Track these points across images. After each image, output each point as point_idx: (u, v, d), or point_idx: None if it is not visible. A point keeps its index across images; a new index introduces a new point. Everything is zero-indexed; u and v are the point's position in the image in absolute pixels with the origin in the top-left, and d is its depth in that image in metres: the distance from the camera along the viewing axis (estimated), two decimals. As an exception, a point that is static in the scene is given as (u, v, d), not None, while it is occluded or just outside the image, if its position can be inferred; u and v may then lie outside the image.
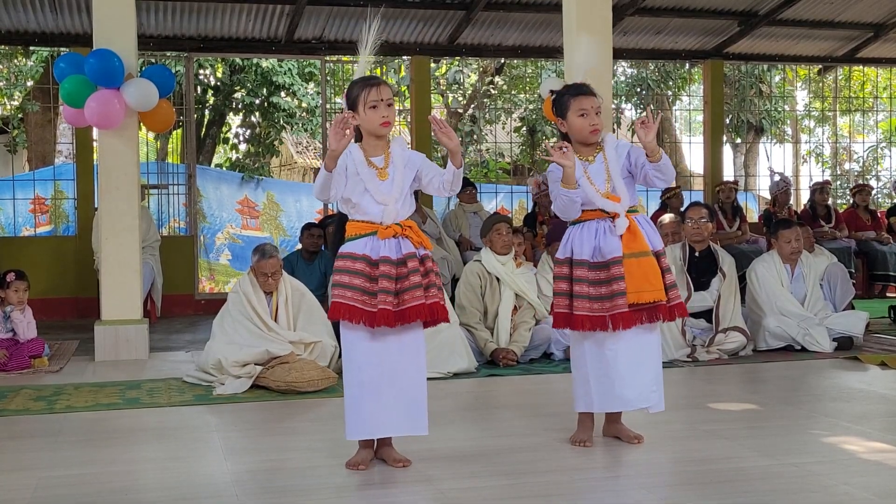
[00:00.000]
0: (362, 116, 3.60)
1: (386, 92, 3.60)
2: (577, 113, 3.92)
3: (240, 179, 14.18)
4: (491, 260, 6.35)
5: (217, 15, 9.64)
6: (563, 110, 3.97)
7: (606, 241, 3.88)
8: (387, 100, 3.59)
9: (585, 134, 3.93)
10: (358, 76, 3.75)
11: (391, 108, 3.61)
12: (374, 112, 3.58)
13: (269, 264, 5.79)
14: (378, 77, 3.67)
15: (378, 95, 3.57)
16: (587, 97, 3.92)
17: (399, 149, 3.69)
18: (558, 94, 4.02)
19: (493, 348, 6.17)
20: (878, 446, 3.92)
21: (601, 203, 3.89)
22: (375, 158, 3.62)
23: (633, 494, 3.37)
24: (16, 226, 11.01)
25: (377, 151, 3.65)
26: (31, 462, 3.92)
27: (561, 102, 3.99)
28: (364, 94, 3.59)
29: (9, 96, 15.55)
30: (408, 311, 3.54)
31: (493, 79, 17.33)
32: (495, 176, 17.57)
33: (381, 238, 3.57)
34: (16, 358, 6.24)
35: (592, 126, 3.90)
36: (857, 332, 6.64)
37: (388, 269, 3.54)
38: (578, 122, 3.92)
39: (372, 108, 3.58)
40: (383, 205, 3.58)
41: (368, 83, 3.60)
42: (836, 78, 15.34)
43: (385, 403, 3.54)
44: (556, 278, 4.03)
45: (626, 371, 3.84)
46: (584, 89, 3.96)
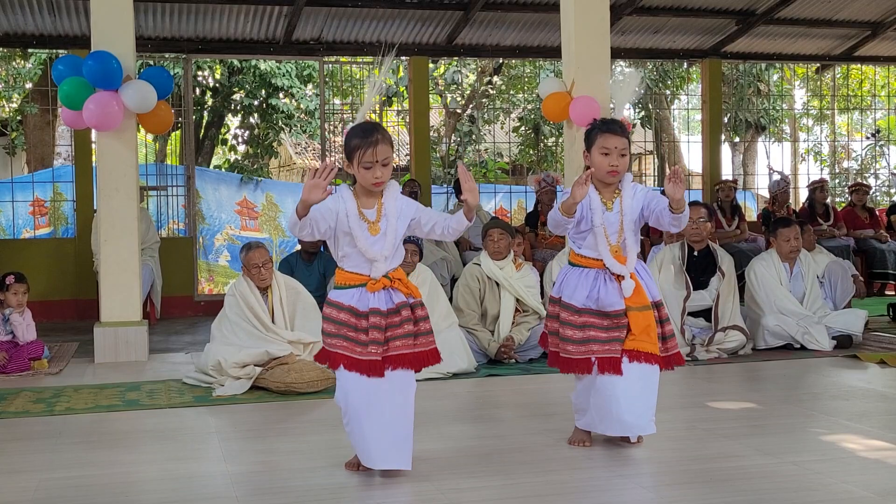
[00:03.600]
0: (355, 170, 3.52)
1: (383, 152, 3.48)
2: (600, 150, 3.89)
3: (239, 181, 14.18)
4: (489, 264, 6.36)
5: (215, 16, 9.64)
6: (590, 144, 3.94)
7: (607, 291, 3.87)
8: (382, 160, 3.48)
9: (603, 173, 3.90)
10: (360, 119, 3.66)
11: (387, 168, 3.51)
12: (368, 172, 3.48)
13: (256, 254, 5.79)
14: (378, 131, 3.50)
15: (373, 157, 3.46)
16: (614, 136, 3.87)
17: (392, 200, 3.59)
18: (590, 127, 3.98)
19: (496, 347, 6.18)
20: (878, 444, 3.93)
21: (609, 263, 3.87)
22: (368, 211, 3.55)
23: (632, 494, 3.38)
24: (15, 228, 11.01)
25: (370, 202, 3.57)
26: (30, 464, 3.92)
27: (590, 135, 3.95)
28: (360, 153, 3.47)
29: (7, 99, 15.55)
30: (397, 358, 3.51)
31: (492, 79, 17.33)
32: (494, 176, 17.58)
33: (370, 291, 3.54)
34: (15, 360, 6.24)
35: (611, 167, 3.87)
36: (856, 330, 6.65)
37: (378, 321, 3.51)
38: (599, 159, 3.89)
39: (366, 169, 3.49)
40: (371, 261, 3.54)
41: (368, 141, 3.47)
42: (834, 76, 15.34)
43: (370, 437, 3.48)
44: (549, 316, 4.05)
45: (624, 397, 3.80)
46: (613, 127, 3.90)
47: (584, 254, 3.94)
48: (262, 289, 5.86)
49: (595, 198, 3.90)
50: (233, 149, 16.67)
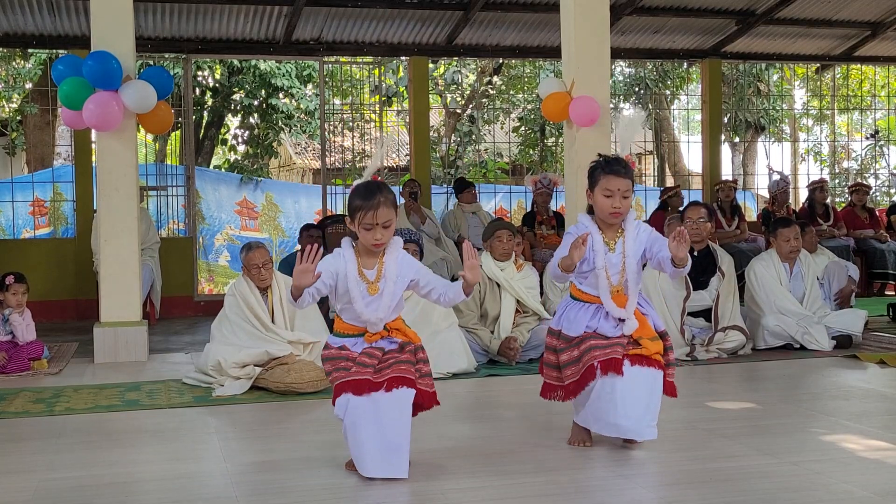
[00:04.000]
0: (356, 230, 3.54)
1: (384, 215, 3.49)
2: (603, 191, 3.85)
3: (238, 181, 14.19)
4: (490, 265, 6.36)
5: (215, 16, 9.65)
6: (592, 183, 3.91)
7: (607, 324, 3.87)
8: (383, 223, 3.49)
9: (605, 215, 3.88)
10: (366, 177, 3.69)
11: (387, 230, 3.52)
12: (368, 233, 3.50)
13: (257, 254, 5.79)
14: (380, 193, 3.51)
15: (374, 220, 3.48)
16: (617, 178, 3.82)
17: (393, 261, 3.59)
18: (593, 165, 3.95)
19: (497, 344, 6.18)
20: (878, 444, 3.93)
21: (608, 305, 3.85)
22: (368, 271, 3.56)
23: (632, 494, 3.37)
24: (15, 228, 11.01)
25: (370, 261, 3.59)
26: (30, 464, 3.92)
27: (593, 175, 3.91)
28: (361, 214, 3.49)
29: (7, 99, 15.55)
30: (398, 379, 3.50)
31: (492, 79, 17.33)
32: (494, 176, 17.58)
33: (367, 341, 3.57)
34: (15, 360, 6.24)
35: (614, 209, 3.84)
36: (855, 330, 6.65)
37: (374, 352, 3.54)
38: (602, 200, 3.86)
39: (366, 230, 3.50)
40: (368, 322, 3.56)
41: (369, 202, 3.49)
42: (833, 76, 15.34)
43: (366, 445, 3.48)
44: (547, 348, 4.04)
45: (622, 401, 3.79)
46: (617, 168, 3.85)
47: (584, 290, 3.93)
48: (262, 289, 5.86)
49: (598, 239, 3.88)
50: (233, 149, 16.68)
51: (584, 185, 7.46)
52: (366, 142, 13.79)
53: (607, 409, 3.81)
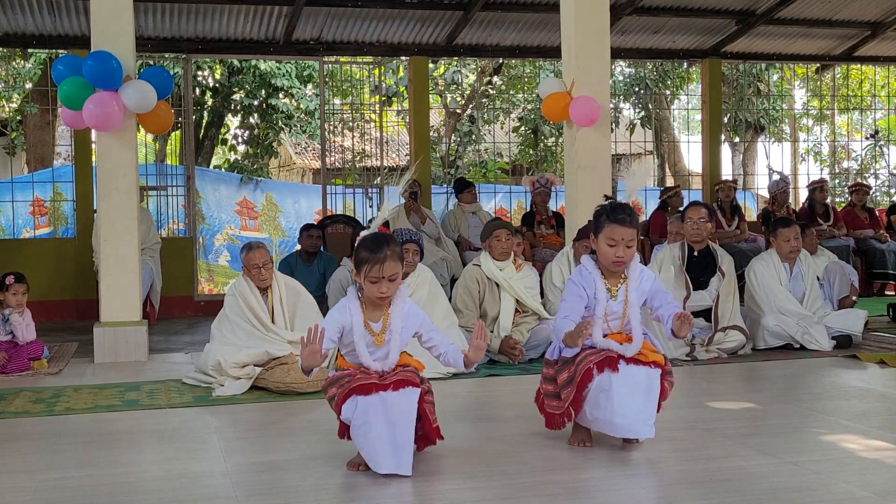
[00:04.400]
0: (362, 282, 3.54)
1: (390, 269, 3.51)
2: (606, 240, 3.82)
3: (238, 181, 14.19)
4: (490, 265, 6.35)
5: (215, 16, 9.65)
6: (597, 230, 3.88)
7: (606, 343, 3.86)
8: (389, 276, 3.51)
9: (608, 263, 3.86)
10: (374, 228, 3.69)
11: (393, 283, 3.53)
12: (374, 286, 3.52)
13: (256, 254, 5.80)
14: (387, 247, 3.51)
15: (380, 273, 3.50)
16: (622, 227, 3.79)
17: (399, 313, 3.60)
18: (598, 211, 3.91)
19: (498, 343, 6.19)
20: (878, 444, 3.93)
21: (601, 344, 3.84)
22: (374, 324, 3.58)
23: (632, 494, 3.38)
24: (15, 228, 11.01)
25: (376, 313, 3.60)
26: (30, 464, 3.92)
27: (597, 221, 3.88)
28: (367, 267, 3.51)
29: (7, 99, 15.55)
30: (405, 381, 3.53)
31: (492, 79, 17.33)
32: (494, 176, 17.57)
33: None
34: (15, 360, 6.24)
35: (617, 258, 3.82)
36: (855, 330, 6.65)
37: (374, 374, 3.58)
38: (605, 249, 3.84)
39: (372, 283, 3.52)
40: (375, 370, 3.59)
41: (375, 256, 3.50)
42: (833, 76, 15.35)
43: (376, 442, 3.49)
44: (545, 379, 4.04)
45: (618, 400, 3.77)
46: (622, 217, 3.80)
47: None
48: (263, 289, 5.86)
49: (601, 287, 3.86)
50: (233, 149, 16.69)
51: (584, 185, 7.51)
52: (366, 142, 13.78)
53: (604, 407, 3.80)
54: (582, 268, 3.94)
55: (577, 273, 3.94)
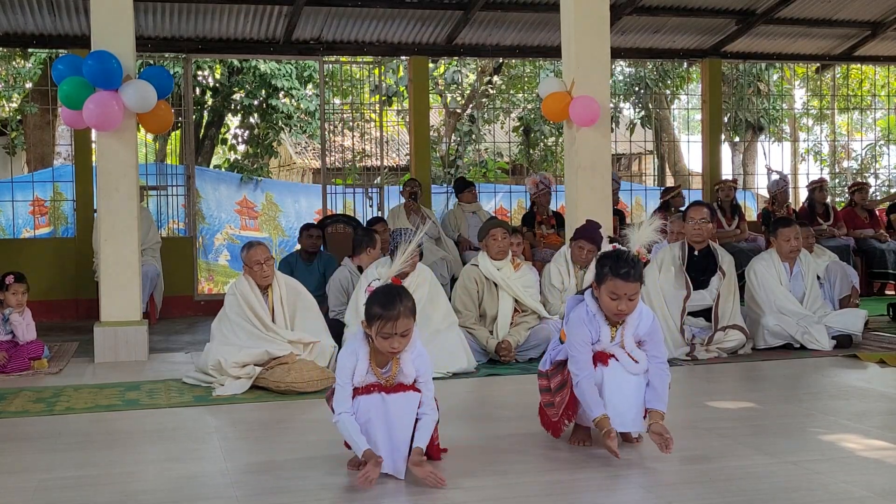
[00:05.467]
0: (373, 335, 3.52)
1: (403, 325, 3.47)
2: (609, 293, 3.79)
3: (238, 180, 14.19)
4: (487, 265, 6.35)
5: (215, 16, 9.65)
6: (600, 280, 3.85)
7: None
8: (401, 332, 3.48)
9: (609, 314, 3.85)
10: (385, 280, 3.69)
11: (405, 339, 3.51)
12: (385, 342, 3.49)
13: (259, 251, 5.80)
14: (400, 303, 3.49)
15: (393, 330, 3.46)
16: (625, 283, 3.75)
17: (408, 358, 3.59)
18: (602, 260, 3.87)
19: (495, 343, 6.19)
20: (877, 444, 3.93)
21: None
22: (383, 370, 3.58)
23: (632, 493, 3.38)
24: (15, 227, 11.01)
25: (384, 360, 3.60)
26: (30, 464, 3.92)
27: (601, 271, 3.84)
28: (380, 323, 3.47)
29: (7, 98, 15.55)
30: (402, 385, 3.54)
31: (492, 78, 17.33)
32: (494, 176, 17.56)
33: None
34: (15, 360, 6.24)
35: (619, 311, 3.80)
36: (855, 330, 6.65)
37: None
38: (607, 301, 3.81)
39: (384, 338, 3.49)
40: None
41: (388, 312, 3.46)
42: (833, 76, 15.35)
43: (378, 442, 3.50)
44: (542, 390, 4.04)
45: (610, 395, 3.80)
46: (626, 273, 3.75)
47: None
48: (263, 288, 5.86)
49: (605, 332, 3.85)
50: (233, 148, 16.68)
51: (584, 185, 7.51)
52: (366, 141, 13.78)
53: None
54: (587, 309, 3.89)
55: (584, 314, 3.88)
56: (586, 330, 3.86)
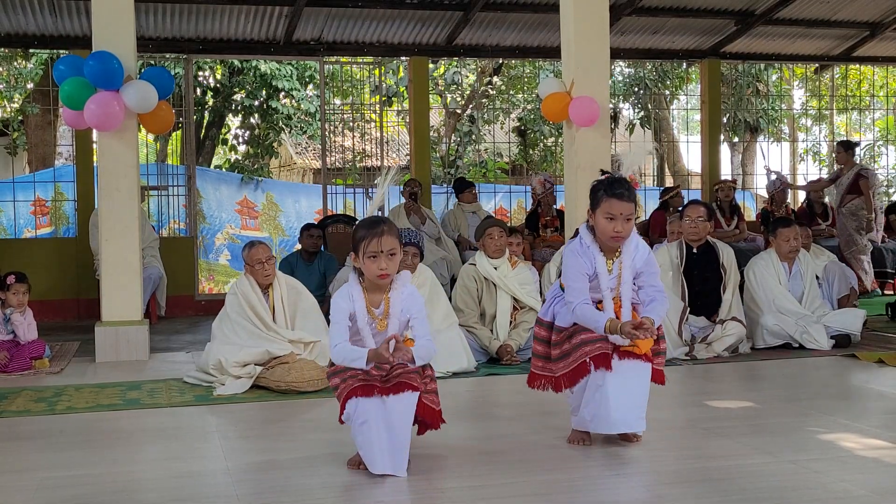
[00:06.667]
0: (361, 263, 3.52)
1: (388, 243, 3.47)
2: (605, 214, 3.78)
3: (239, 180, 14.21)
4: (484, 264, 6.38)
5: (216, 17, 9.66)
6: (594, 204, 3.84)
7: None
8: (388, 251, 3.47)
9: (606, 238, 3.83)
10: (371, 211, 3.70)
11: (392, 259, 3.49)
12: (373, 263, 3.48)
13: (260, 250, 5.82)
14: (384, 223, 3.50)
15: (378, 247, 3.46)
16: (620, 202, 3.75)
17: (398, 295, 3.60)
18: (596, 185, 3.88)
19: (497, 345, 6.20)
20: (876, 443, 3.94)
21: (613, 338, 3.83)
22: (376, 309, 3.58)
23: (631, 493, 3.39)
24: (17, 227, 11.03)
25: (377, 297, 3.59)
26: (31, 463, 3.93)
27: (595, 195, 3.84)
28: (365, 243, 3.47)
29: (9, 99, 15.57)
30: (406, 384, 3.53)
31: (492, 79, 17.35)
32: (493, 176, 17.59)
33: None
34: (17, 359, 6.26)
35: (615, 233, 3.79)
36: (854, 329, 6.66)
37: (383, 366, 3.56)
38: (603, 223, 3.80)
39: (371, 259, 3.48)
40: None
41: (372, 230, 3.47)
42: (832, 76, 15.37)
43: (375, 444, 3.52)
44: (536, 339, 4.05)
45: (613, 394, 3.81)
46: (620, 192, 3.76)
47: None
48: (264, 288, 5.88)
49: (601, 262, 3.85)
50: (233, 149, 16.70)
51: (583, 185, 7.52)
52: (366, 142, 13.80)
53: (599, 402, 3.84)
54: (581, 240, 3.90)
55: (577, 246, 3.89)
56: (581, 260, 3.85)
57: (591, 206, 3.87)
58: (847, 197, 9.85)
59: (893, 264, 10.32)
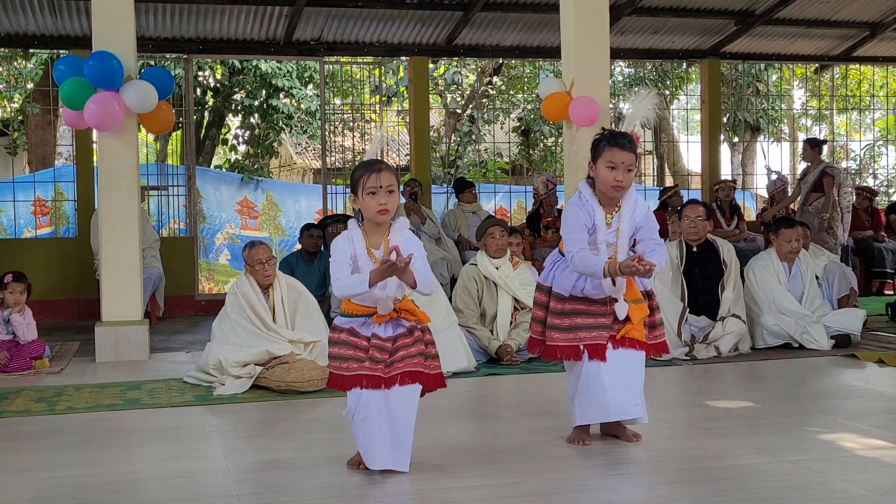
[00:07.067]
0: (360, 201, 3.54)
1: (386, 178, 3.49)
2: (606, 163, 3.81)
3: (239, 180, 14.21)
4: (486, 263, 6.37)
5: (216, 17, 9.66)
6: (596, 155, 3.87)
7: (593, 285, 3.86)
8: (387, 187, 3.48)
9: (608, 187, 3.84)
10: (368, 156, 3.72)
11: (391, 196, 3.51)
12: (372, 199, 3.49)
13: (260, 250, 5.82)
14: (381, 162, 3.55)
15: (377, 182, 3.48)
16: (622, 151, 3.79)
17: (397, 239, 3.59)
18: (597, 137, 3.92)
19: (497, 345, 6.20)
20: (876, 443, 3.94)
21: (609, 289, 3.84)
22: (376, 251, 3.57)
23: (631, 493, 3.39)
24: (17, 227, 11.03)
25: (377, 239, 3.59)
26: (32, 463, 3.94)
27: (596, 147, 3.88)
28: (364, 179, 3.49)
29: (9, 99, 15.57)
30: (409, 375, 3.53)
31: (492, 79, 17.35)
32: (494, 176, 17.60)
33: (375, 322, 3.57)
34: (17, 359, 6.25)
35: (617, 182, 3.80)
36: (854, 329, 6.66)
37: (382, 343, 3.54)
38: (604, 173, 3.82)
39: (370, 195, 3.49)
40: (379, 299, 3.56)
41: (370, 167, 3.50)
42: (832, 76, 15.37)
43: (376, 439, 3.53)
44: (535, 304, 4.04)
45: (610, 383, 3.84)
46: (621, 141, 3.81)
47: None
48: (264, 288, 5.88)
49: (599, 215, 3.86)
50: (233, 149, 16.70)
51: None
52: (366, 142, 13.80)
53: (595, 392, 3.87)
54: (580, 194, 3.92)
55: (576, 199, 3.92)
56: (580, 212, 3.87)
57: (593, 157, 3.90)
58: (812, 195, 9.54)
59: (893, 264, 10.32)
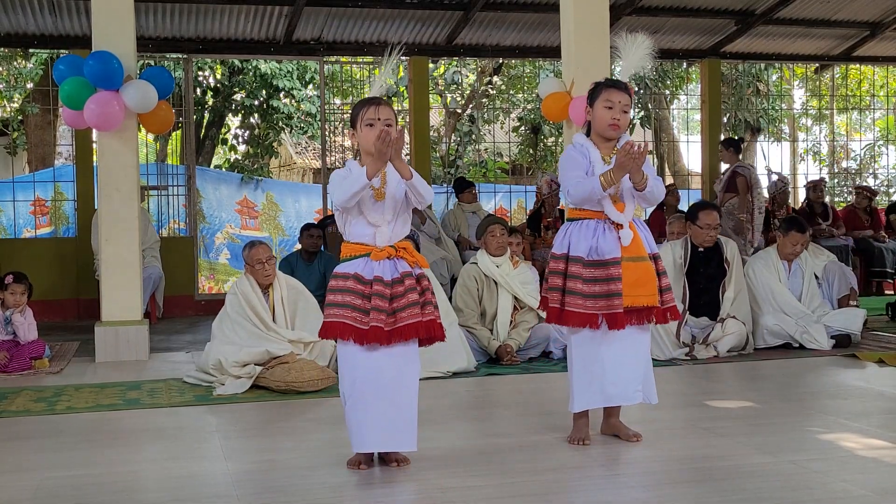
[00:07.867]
0: (359, 135, 3.62)
1: (384, 112, 3.59)
2: (603, 103, 3.94)
3: (239, 180, 14.20)
4: (486, 262, 6.37)
5: (216, 16, 9.66)
6: (593, 99, 4.00)
7: (605, 240, 3.90)
8: (384, 120, 3.57)
9: (605, 125, 3.94)
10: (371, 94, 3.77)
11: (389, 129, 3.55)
12: (370, 131, 3.56)
13: (260, 250, 5.83)
14: (379, 98, 3.67)
15: (375, 114, 3.58)
16: (618, 91, 3.94)
17: (394, 171, 3.61)
18: (595, 84, 4.06)
19: (496, 346, 6.20)
20: (876, 443, 3.95)
21: (609, 210, 3.89)
22: (373, 179, 3.59)
23: (631, 492, 3.39)
24: (16, 227, 11.03)
25: (374, 172, 3.59)
26: (31, 463, 3.94)
27: (594, 91, 4.02)
28: (363, 112, 3.60)
29: (8, 98, 15.56)
30: (404, 329, 3.56)
31: (492, 79, 17.34)
32: (494, 176, 17.58)
33: (374, 259, 3.58)
34: (17, 359, 6.25)
35: (613, 119, 3.92)
36: (854, 329, 6.66)
37: (382, 289, 3.55)
38: (601, 112, 3.95)
39: (368, 127, 3.58)
40: (375, 226, 3.59)
41: (369, 101, 3.61)
42: (832, 76, 15.36)
43: (373, 419, 3.54)
44: (551, 273, 4.03)
45: (611, 368, 3.87)
46: (618, 83, 3.97)
47: (583, 206, 3.95)
48: (264, 288, 5.88)
49: (595, 154, 3.96)
50: (233, 149, 16.70)
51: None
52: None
53: (598, 376, 3.89)
54: (575, 143, 4.04)
55: (572, 147, 4.04)
56: (576, 154, 3.96)
57: (590, 101, 4.02)
58: (725, 196, 9.35)
59: (893, 264, 10.32)
